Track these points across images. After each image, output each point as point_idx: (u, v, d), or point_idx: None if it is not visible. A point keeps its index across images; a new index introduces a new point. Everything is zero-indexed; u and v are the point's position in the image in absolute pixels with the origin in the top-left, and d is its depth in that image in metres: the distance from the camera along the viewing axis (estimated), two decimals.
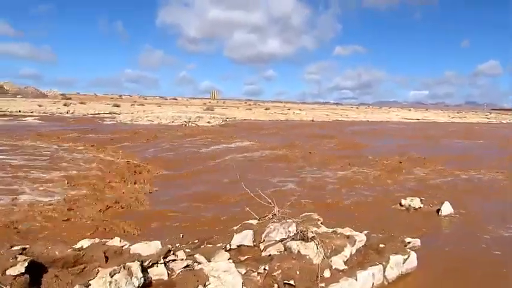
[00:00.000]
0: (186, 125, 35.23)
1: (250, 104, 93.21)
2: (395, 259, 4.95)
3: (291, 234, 4.71)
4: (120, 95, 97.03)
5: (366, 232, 5.73)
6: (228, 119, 41.58)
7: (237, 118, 47.93)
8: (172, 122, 36.46)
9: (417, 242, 5.87)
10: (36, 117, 34.06)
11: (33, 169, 10.65)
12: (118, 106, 52.62)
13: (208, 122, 37.63)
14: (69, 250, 3.09)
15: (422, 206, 8.47)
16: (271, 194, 9.05)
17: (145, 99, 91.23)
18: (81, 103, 54.79)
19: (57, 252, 2.99)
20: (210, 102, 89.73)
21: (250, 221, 4.99)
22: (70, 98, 71.09)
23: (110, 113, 45.21)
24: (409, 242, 5.75)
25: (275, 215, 5.05)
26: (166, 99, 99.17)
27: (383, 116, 66.85)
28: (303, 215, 5.92)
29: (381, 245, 5.25)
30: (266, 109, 65.49)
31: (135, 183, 10.27)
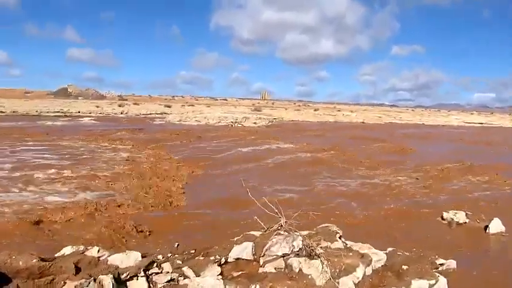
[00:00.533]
0: (232, 126, 35.50)
1: (299, 105, 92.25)
2: (417, 284, 4.28)
3: (296, 249, 4.24)
4: (173, 96, 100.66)
5: (390, 250, 5.09)
6: (274, 120, 41.27)
7: (284, 119, 47.51)
8: (219, 122, 36.93)
9: (452, 263, 5.10)
10: (93, 118, 36.17)
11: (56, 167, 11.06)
12: (169, 107, 54.43)
13: (255, 123, 37.63)
14: (35, 260, 2.93)
15: (467, 221, 7.50)
16: (289, 199, 8.60)
17: (197, 100, 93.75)
18: (135, 104, 57.48)
19: (21, 263, 2.84)
20: (259, 103, 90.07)
21: (253, 232, 4.58)
22: (126, 100, 74.99)
23: (161, 113, 46.90)
24: (441, 264, 5.01)
25: (282, 226, 4.60)
26: (217, 100, 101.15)
27: (441, 120, 62.68)
28: (320, 226, 5.40)
29: (404, 267, 4.58)
30: (315, 110, 64.27)
31: (163, 179, 10.31)
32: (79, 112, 42.07)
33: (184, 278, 3.59)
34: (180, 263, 3.92)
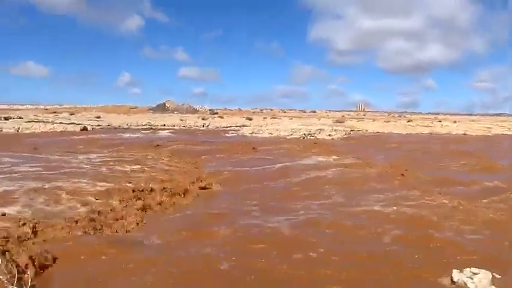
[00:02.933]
0: (304, 138, 33.52)
1: (393, 116, 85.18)
2: None
3: None
4: (261, 109, 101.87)
5: None
6: (351, 132, 38.02)
7: (368, 131, 43.70)
8: (291, 134, 35.26)
9: None
10: (171, 130, 37.66)
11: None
12: (250, 119, 54.64)
13: (329, 135, 35.04)
14: None
15: None
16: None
17: (284, 112, 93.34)
18: (220, 117, 59.12)
19: None
20: (348, 115, 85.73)
21: None
22: (216, 113, 78.08)
23: (241, 126, 47.03)
24: None
25: None
26: (305, 112, 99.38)
27: None
28: None
29: None
30: (408, 121, 58.16)
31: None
32: (164, 125, 44.48)
33: None
34: None
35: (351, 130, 39.86)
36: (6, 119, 41.86)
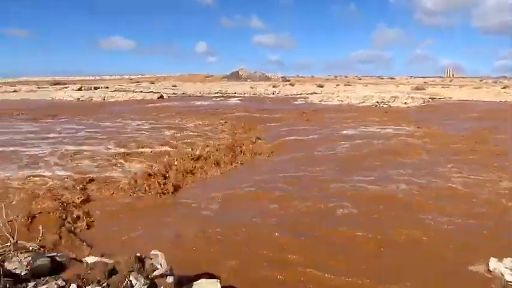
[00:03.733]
0: (376, 106, 31.73)
1: (488, 82, 75.78)
2: None
3: None
4: (335, 76, 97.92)
5: None
6: (431, 100, 34.89)
7: (452, 98, 39.76)
8: (363, 102, 33.54)
9: None
10: (240, 98, 38.27)
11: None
12: (322, 87, 53.07)
13: (405, 103, 32.61)
14: None
15: None
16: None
17: (360, 79, 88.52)
18: (291, 85, 58.31)
19: None
20: (433, 82, 78.47)
21: None
22: (289, 81, 77.15)
23: (311, 93, 45.98)
24: None
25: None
26: (382, 78, 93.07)
27: None
28: None
29: None
30: (504, 87, 51.46)
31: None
32: (235, 93, 45.37)
33: None
34: None
35: (431, 98, 36.60)
36: (95, 88, 46.33)
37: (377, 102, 33.08)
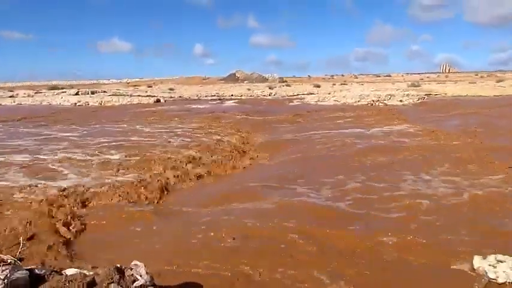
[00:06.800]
0: (371, 105, 31.84)
1: (483, 77, 75.94)
2: None
3: None
4: (332, 75, 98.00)
5: None
6: (426, 97, 35.03)
7: (448, 94, 39.91)
8: (359, 101, 33.66)
9: None
10: (236, 100, 38.40)
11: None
12: (318, 87, 53.20)
13: (400, 101, 32.78)
14: None
15: None
16: None
17: (356, 77, 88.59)
18: (287, 86, 58.48)
19: None
20: (428, 78, 78.62)
21: None
22: (286, 81, 77.36)
23: (307, 94, 46.08)
24: None
25: None
26: (379, 76, 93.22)
27: None
28: None
29: None
30: (498, 81, 51.69)
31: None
32: (231, 95, 45.42)
33: None
34: None
35: (426, 94, 36.76)
36: (92, 93, 46.43)
37: (372, 100, 33.20)
